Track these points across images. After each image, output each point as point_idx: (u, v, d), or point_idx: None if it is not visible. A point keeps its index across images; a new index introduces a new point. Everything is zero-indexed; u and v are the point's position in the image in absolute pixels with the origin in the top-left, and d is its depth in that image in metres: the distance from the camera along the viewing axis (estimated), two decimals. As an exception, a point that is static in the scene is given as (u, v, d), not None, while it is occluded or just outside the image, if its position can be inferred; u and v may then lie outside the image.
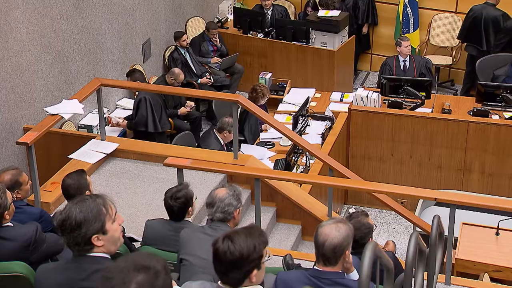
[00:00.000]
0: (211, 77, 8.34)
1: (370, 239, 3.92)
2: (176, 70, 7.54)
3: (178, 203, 3.87)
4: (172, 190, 3.94)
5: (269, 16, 9.00)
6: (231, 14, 9.42)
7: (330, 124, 7.08)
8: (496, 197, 6.01)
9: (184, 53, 8.23)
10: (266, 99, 7.13)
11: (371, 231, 3.93)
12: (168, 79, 7.43)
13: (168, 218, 3.95)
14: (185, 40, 8.18)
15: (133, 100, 7.22)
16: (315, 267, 2.97)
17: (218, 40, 8.63)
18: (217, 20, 9.23)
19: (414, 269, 3.28)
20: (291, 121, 6.78)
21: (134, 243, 4.11)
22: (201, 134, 7.51)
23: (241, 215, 3.81)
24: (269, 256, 2.49)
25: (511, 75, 7.27)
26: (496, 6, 8.18)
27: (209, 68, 8.52)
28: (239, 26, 8.97)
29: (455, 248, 4.90)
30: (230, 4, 9.59)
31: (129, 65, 7.70)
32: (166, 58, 8.44)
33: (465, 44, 8.48)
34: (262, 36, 8.79)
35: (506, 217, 5.12)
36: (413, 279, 3.20)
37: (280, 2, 9.48)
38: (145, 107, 6.88)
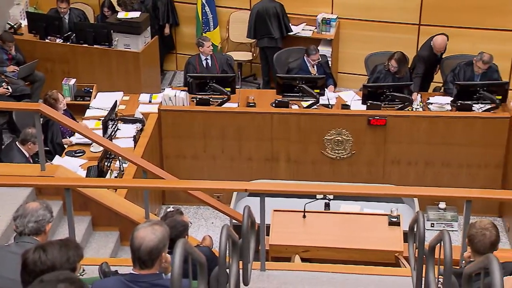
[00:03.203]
0: (9, 86, 7.84)
1: (186, 236, 3.98)
2: (-32, 82, 6.99)
3: (-22, 225, 3.62)
4: (-30, 211, 3.67)
5: (67, 20, 8.68)
6: (24, 19, 8.92)
7: (141, 126, 7.04)
8: (302, 182, 6.45)
9: (-25, 63, 7.66)
10: (63, 103, 6.83)
11: (187, 228, 3.99)
12: (-41, 93, 6.86)
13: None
14: (-27, 49, 7.62)
15: None
16: (131, 271, 2.96)
17: (13, 48, 8.16)
18: (9, 26, 8.70)
19: (229, 260, 3.40)
20: (101, 127, 6.63)
21: None
22: (3, 148, 7.04)
23: (50, 231, 3.66)
24: (83, 271, 2.43)
25: (303, 68, 7.77)
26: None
27: (5, 78, 8.01)
28: (35, 31, 8.54)
29: (268, 235, 5.17)
30: (22, 9, 9.07)
31: None
32: (-46, 69, 7.78)
33: (257, 40, 8.91)
34: (62, 41, 8.46)
35: (310, 200, 5.52)
36: (228, 270, 3.31)
37: (77, 5, 9.19)
38: None
